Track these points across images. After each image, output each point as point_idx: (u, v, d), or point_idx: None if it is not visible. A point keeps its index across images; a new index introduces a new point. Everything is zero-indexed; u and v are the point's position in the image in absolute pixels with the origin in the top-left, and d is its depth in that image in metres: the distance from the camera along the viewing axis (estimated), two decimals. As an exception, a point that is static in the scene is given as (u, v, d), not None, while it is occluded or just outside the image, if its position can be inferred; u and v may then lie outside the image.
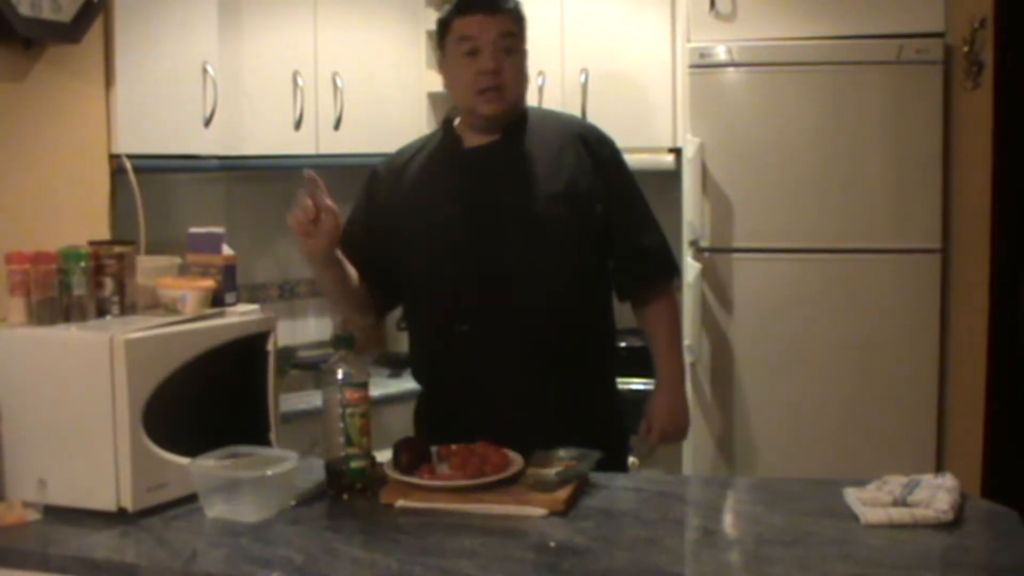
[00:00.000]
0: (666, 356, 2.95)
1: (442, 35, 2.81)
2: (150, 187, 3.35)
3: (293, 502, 2.45)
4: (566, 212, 2.77)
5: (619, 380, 3.00)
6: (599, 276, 2.89)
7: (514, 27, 2.78)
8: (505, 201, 2.78)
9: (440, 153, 2.88)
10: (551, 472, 2.44)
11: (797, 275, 3.95)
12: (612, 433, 2.91)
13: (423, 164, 2.89)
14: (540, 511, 2.35)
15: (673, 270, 2.99)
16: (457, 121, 2.89)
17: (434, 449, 2.60)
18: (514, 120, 2.82)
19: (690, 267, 4.02)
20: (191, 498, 2.43)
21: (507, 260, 2.75)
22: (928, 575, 2.06)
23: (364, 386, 2.48)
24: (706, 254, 4.03)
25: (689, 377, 4.01)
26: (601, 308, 2.91)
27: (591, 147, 2.85)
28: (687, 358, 3.70)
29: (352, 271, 2.86)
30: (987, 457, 3.85)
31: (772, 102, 3.95)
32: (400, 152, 2.99)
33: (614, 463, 2.86)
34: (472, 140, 2.83)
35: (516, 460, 2.53)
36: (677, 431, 2.97)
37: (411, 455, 2.54)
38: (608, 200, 2.83)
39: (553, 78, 4.23)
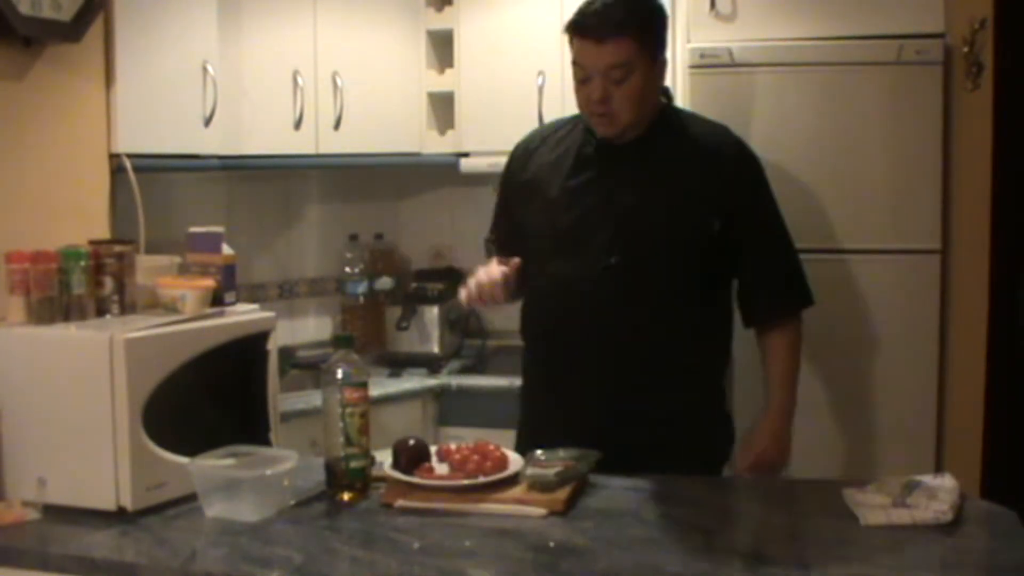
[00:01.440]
0: (780, 385, 2.93)
1: (569, 42, 2.77)
2: (150, 186, 3.35)
3: (292, 502, 2.45)
4: (676, 221, 2.73)
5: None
6: (709, 290, 2.82)
7: (626, 55, 2.67)
8: (618, 200, 2.74)
9: (570, 139, 2.86)
10: (550, 472, 2.44)
11: (797, 275, 3.95)
12: (716, 444, 2.91)
13: (556, 146, 2.87)
14: (540, 511, 2.35)
15: (803, 301, 2.94)
16: None
17: (434, 449, 2.60)
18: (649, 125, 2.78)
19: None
20: (191, 497, 2.44)
21: (609, 258, 2.72)
22: None
23: (364, 386, 2.48)
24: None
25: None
26: (709, 322, 2.85)
27: (726, 161, 2.81)
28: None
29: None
30: (986, 458, 3.85)
31: (772, 103, 3.94)
32: (541, 129, 3.00)
33: (711, 470, 2.88)
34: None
35: (515, 460, 2.53)
36: (775, 461, 2.90)
37: (411, 455, 2.54)
38: (735, 219, 2.77)
39: (553, 78, 4.22)
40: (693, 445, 2.75)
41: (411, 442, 2.59)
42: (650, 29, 2.75)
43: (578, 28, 2.70)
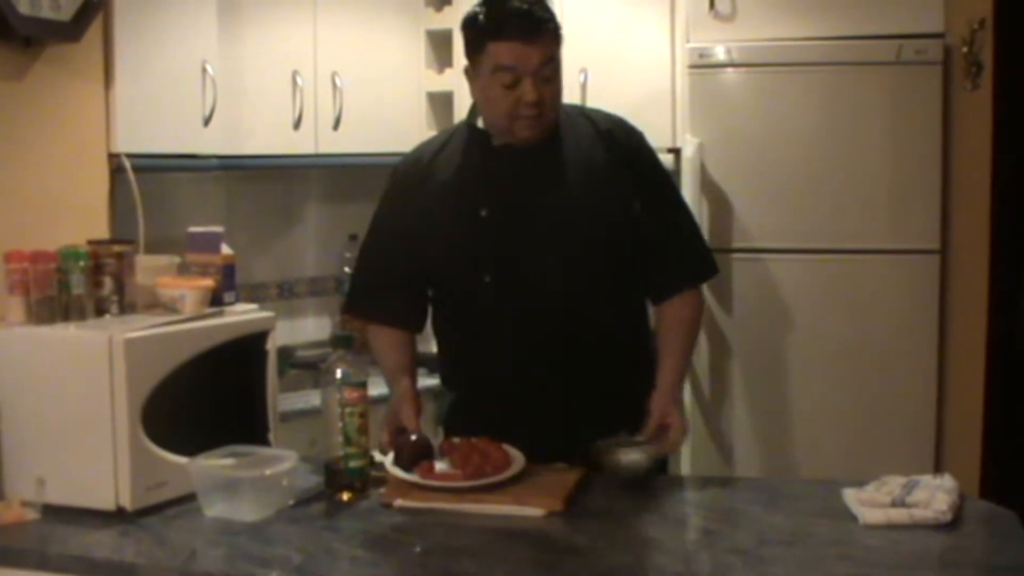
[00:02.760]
0: (679, 356, 2.77)
1: (473, 50, 2.66)
2: (149, 186, 3.35)
3: (292, 501, 2.45)
4: (601, 212, 2.69)
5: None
6: (634, 274, 2.77)
7: (554, 49, 2.63)
8: (539, 202, 2.69)
9: (468, 152, 2.76)
10: (639, 457, 2.45)
11: (796, 275, 3.95)
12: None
13: (450, 163, 2.77)
14: (539, 511, 2.35)
15: (703, 273, 2.84)
16: (481, 120, 2.76)
17: (436, 444, 2.59)
18: None
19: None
20: (190, 497, 2.44)
21: (541, 262, 2.68)
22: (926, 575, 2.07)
23: (363, 385, 2.48)
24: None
25: (688, 377, 4.01)
26: (637, 307, 2.83)
27: (619, 143, 2.76)
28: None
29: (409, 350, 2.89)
30: (985, 458, 3.85)
31: (771, 102, 3.94)
32: (421, 151, 2.87)
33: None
34: (501, 139, 2.72)
35: (518, 458, 2.53)
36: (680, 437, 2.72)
37: (413, 451, 2.54)
38: (643, 198, 2.72)
39: (552, 78, 4.23)
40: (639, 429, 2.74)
41: (413, 438, 2.58)
42: (560, 31, 2.68)
43: (504, 31, 2.60)
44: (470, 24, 2.66)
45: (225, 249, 2.80)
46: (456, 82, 4.46)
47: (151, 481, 2.45)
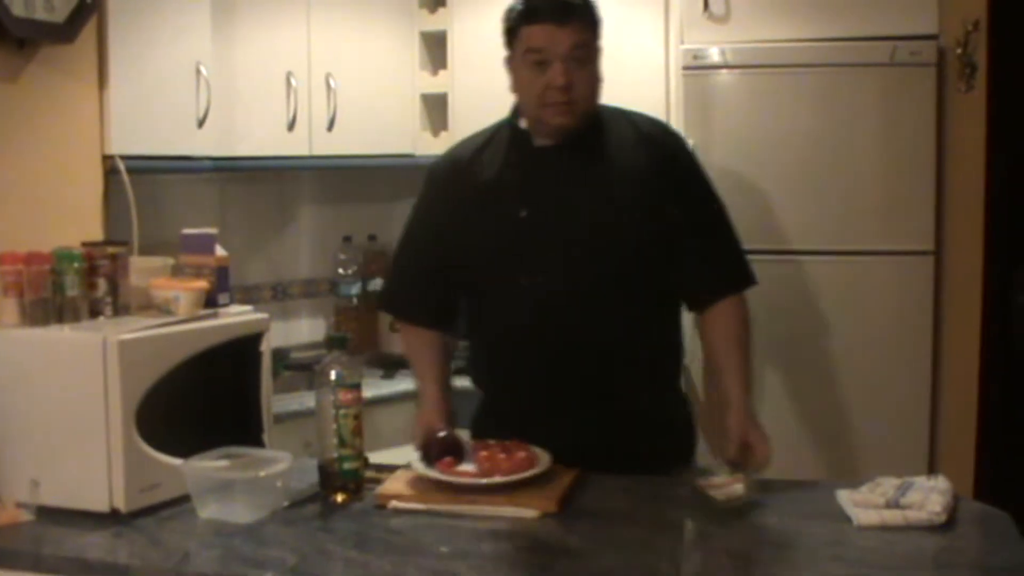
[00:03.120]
0: (742, 364, 2.75)
1: (509, 37, 2.69)
2: (143, 188, 3.35)
3: (286, 503, 2.45)
4: (641, 215, 2.68)
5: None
6: (673, 279, 2.76)
7: (587, 35, 2.65)
8: (579, 204, 2.68)
9: (509, 151, 2.76)
10: (739, 489, 2.41)
11: (790, 277, 3.95)
12: (683, 441, 2.88)
13: (491, 161, 2.77)
14: (532, 512, 2.35)
15: (743, 281, 2.80)
16: (523, 119, 2.76)
17: (468, 445, 2.59)
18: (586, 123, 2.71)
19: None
20: (184, 499, 2.43)
21: (580, 263, 2.67)
22: (921, 576, 2.07)
23: (357, 387, 2.48)
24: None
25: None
26: (671, 313, 2.82)
27: (661, 147, 2.76)
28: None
29: (443, 355, 2.93)
30: (980, 459, 3.85)
31: (765, 104, 3.94)
32: (459, 150, 2.86)
33: (685, 456, 2.85)
34: (542, 139, 2.72)
35: (542, 462, 2.51)
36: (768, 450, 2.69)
37: (440, 448, 2.54)
38: (683, 203, 2.71)
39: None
40: (668, 438, 2.77)
41: (441, 435, 2.59)
42: (597, 19, 2.71)
43: (536, 14, 2.63)
44: (508, 13, 2.69)
45: (219, 251, 2.80)
46: (450, 84, 4.47)
47: (145, 483, 2.45)
